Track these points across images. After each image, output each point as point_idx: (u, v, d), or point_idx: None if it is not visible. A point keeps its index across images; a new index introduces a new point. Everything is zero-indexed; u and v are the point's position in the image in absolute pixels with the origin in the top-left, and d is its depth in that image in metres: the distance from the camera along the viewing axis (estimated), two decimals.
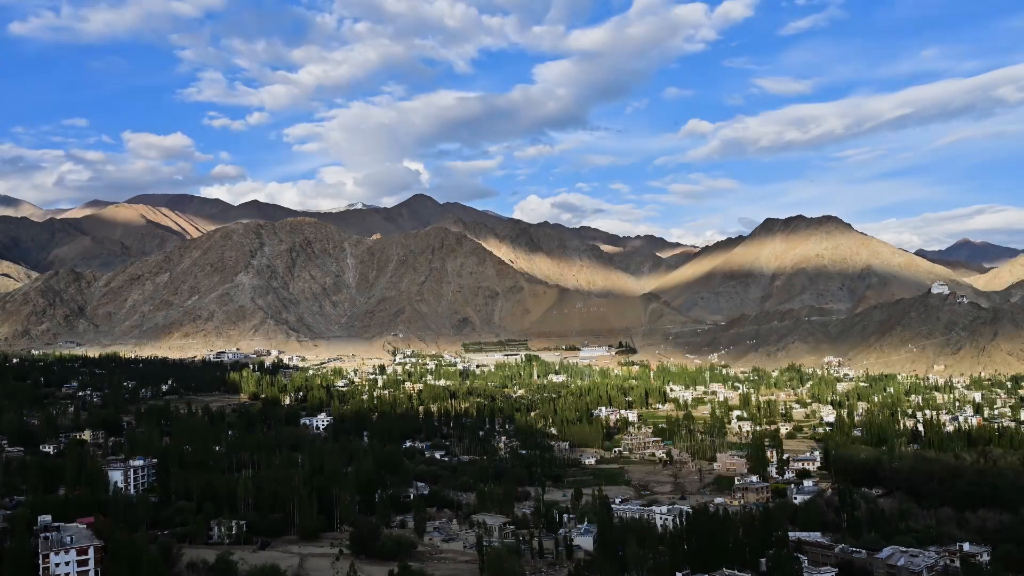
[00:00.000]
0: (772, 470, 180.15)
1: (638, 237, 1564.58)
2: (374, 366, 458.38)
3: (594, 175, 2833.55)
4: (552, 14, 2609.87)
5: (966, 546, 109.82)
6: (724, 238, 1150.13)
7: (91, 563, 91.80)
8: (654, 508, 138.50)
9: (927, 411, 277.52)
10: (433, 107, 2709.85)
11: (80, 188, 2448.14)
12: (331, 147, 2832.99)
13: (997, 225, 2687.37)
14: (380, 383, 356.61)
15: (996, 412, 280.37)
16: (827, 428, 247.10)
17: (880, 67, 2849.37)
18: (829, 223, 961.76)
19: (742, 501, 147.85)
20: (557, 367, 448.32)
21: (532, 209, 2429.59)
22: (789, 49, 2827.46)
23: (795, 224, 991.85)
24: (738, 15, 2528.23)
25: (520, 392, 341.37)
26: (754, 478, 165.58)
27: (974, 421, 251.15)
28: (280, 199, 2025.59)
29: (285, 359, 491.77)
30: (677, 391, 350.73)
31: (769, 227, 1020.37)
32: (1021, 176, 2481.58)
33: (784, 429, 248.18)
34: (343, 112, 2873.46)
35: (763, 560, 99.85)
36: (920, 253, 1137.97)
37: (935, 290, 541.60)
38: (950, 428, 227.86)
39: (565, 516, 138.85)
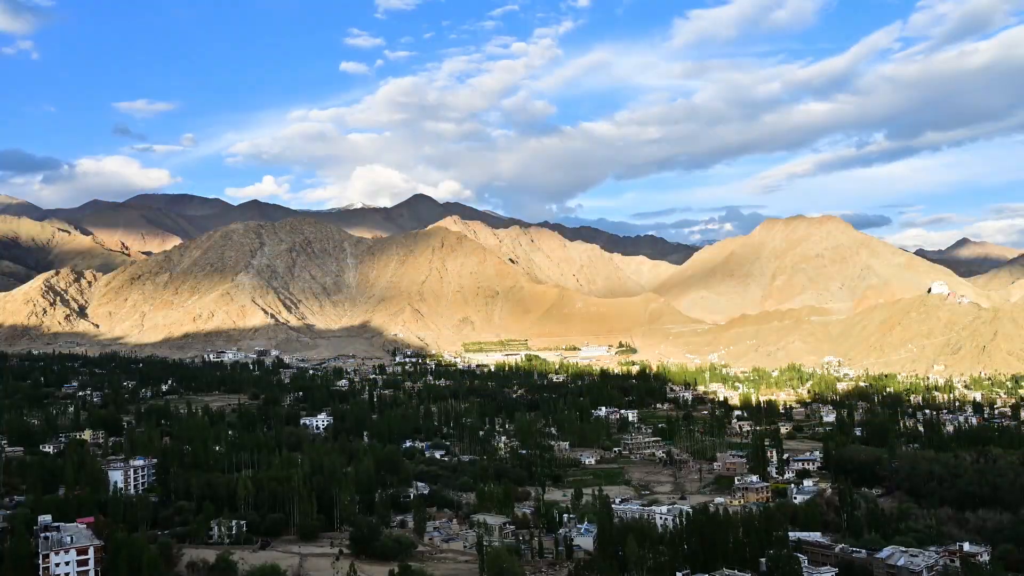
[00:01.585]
0: (772, 470, 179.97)
1: (639, 236, 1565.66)
2: (374, 366, 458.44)
3: None
4: None
5: (966, 546, 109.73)
6: (725, 238, 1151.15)
7: (91, 563, 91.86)
8: (654, 508, 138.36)
9: (927, 411, 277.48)
10: None
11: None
12: None
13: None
14: (380, 383, 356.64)
15: (996, 412, 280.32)
16: (827, 428, 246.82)
17: None
18: (829, 223, 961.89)
19: (742, 501, 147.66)
20: (557, 367, 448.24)
21: None
22: None
23: (795, 224, 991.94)
24: None
25: (520, 392, 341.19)
26: (754, 478, 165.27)
27: (974, 421, 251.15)
28: None
29: (285, 359, 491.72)
30: (677, 391, 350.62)
31: (769, 227, 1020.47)
32: None
33: (784, 429, 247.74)
34: None
35: (763, 560, 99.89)
36: (920, 253, 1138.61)
37: (935, 290, 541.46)
38: (950, 428, 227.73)
39: (565, 516, 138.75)
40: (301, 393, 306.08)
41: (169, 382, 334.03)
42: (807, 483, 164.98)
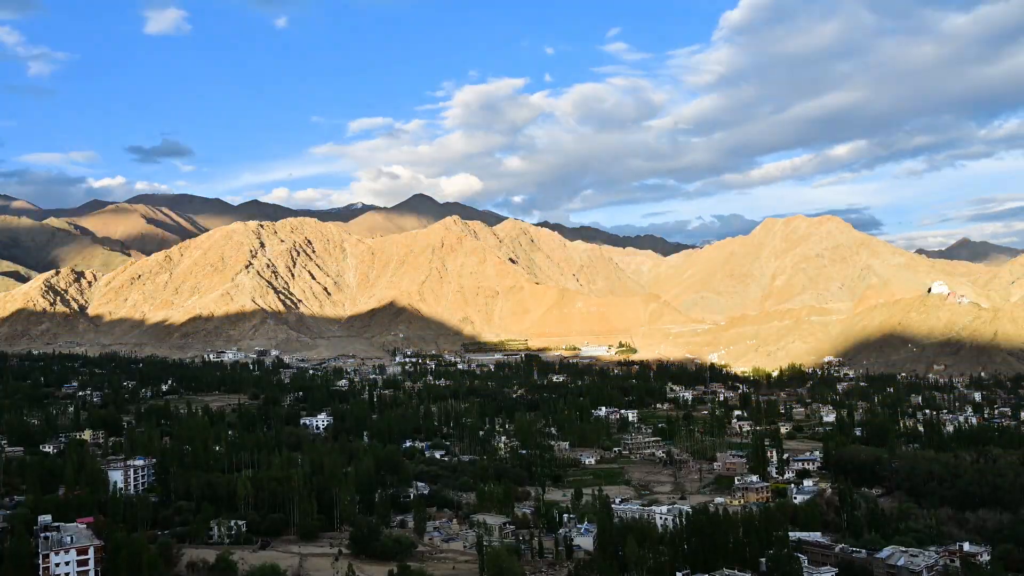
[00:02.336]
0: (772, 470, 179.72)
1: (639, 236, 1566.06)
2: (374, 366, 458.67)
3: None
4: None
5: (966, 546, 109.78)
6: (725, 238, 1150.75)
7: (91, 563, 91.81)
8: (654, 508, 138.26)
9: (927, 411, 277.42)
10: None
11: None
12: None
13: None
14: (380, 383, 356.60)
15: (996, 412, 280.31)
16: (827, 428, 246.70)
17: None
18: (829, 223, 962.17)
19: (742, 501, 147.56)
20: (557, 367, 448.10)
21: None
22: None
23: (795, 224, 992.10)
24: None
25: (520, 392, 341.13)
26: (754, 478, 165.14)
27: (974, 421, 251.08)
28: None
29: (285, 359, 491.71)
30: (677, 391, 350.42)
31: (769, 227, 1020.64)
32: None
33: (784, 429, 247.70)
34: None
35: (763, 560, 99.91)
36: (920, 253, 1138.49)
37: (935, 290, 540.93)
38: (950, 428, 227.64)
39: (565, 516, 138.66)
40: (301, 393, 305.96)
41: (169, 382, 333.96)
42: (807, 483, 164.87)
